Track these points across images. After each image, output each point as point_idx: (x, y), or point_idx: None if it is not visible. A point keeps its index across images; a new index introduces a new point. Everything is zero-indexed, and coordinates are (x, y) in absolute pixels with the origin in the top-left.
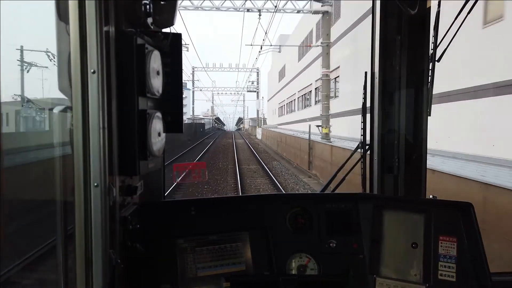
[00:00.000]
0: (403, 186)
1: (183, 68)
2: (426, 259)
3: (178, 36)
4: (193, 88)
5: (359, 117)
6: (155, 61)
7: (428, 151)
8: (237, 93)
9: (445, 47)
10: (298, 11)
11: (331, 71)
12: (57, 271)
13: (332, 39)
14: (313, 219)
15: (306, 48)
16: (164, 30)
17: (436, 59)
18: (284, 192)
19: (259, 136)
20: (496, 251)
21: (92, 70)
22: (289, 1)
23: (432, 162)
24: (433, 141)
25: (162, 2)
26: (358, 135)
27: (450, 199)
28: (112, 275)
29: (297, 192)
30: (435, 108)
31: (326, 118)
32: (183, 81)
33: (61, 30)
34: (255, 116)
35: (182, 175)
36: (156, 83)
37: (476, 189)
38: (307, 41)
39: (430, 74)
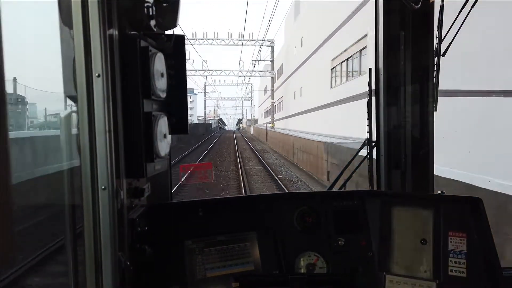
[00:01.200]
0: (411, 182)
1: (191, 77)
2: (436, 255)
3: (181, 38)
4: (205, 98)
5: (291, 119)
6: (159, 63)
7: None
8: (236, 99)
9: (450, 41)
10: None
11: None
12: (67, 274)
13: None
14: (321, 217)
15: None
16: (167, 32)
17: (441, 53)
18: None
19: (251, 132)
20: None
21: (96, 74)
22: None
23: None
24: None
25: (164, 4)
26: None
27: None
28: (121, 277)
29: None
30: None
31: (272, 121)
32: (188, 86)
33: (65, 35)
34: (250, 117)
35: (188, 176)
36: (161, 85)
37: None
38: (266, 89)
39: (435, 69)
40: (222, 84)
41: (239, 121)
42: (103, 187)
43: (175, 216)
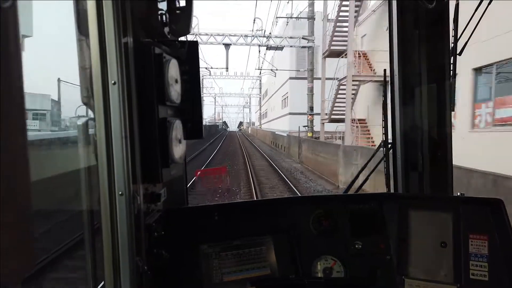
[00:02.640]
0: (429, 183)
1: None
2: (456, 259)
3: (194, 44)
4: (215, 105)
5: (268, 123)
6: (173, 70)
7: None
8: (238, 106)
9: (466, 40)
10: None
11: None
12: (86, 279)
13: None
14: (337, 220)
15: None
16: (180, 38)
17: (458, 52)
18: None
19: (249, 131)
20: None
21: (112, 82)
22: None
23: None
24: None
25: (178, 12)
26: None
27: None
28: (139, 282)
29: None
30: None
31: (260, 124)
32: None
33: (82, 45)
34: (249, 120)
35: (204, 181)
36: (175, 91)
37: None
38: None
39: (451, 68)
40: (227, 96)
41: (240, 123)
42: (120, 192)
43: (191, 220)
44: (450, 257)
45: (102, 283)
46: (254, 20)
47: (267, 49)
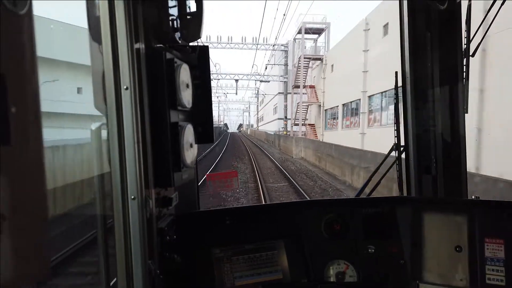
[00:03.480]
0: (443, 187)
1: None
2: (472, 263)
3: (205, 49)
4: (218, 109)
5: (264, 125)
6: (184, 74)
7: None
8: (238, 109)
9: (479, 41)
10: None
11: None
12: (99, 283)
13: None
14: (349, 224)
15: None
16: (191, 43)
17: (471, 53)
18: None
19: (248, 132)
20: None
21: (125, 87)
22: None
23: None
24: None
25: (188, 17)
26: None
27: None
28: (152, 286)
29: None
30: None
31: (257, 126)
32: None
33: (95, 51)
34: (248, 123)
35: (215, 185)
36: (186, 95)
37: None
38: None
39: (464, 70)
40: (229, 102)
41: (240, 125)
42: (132, 197)
43: (202, 224)
44: (466, 262)
45: (115, 280)
46: (252, 66)
47: (260, 82)
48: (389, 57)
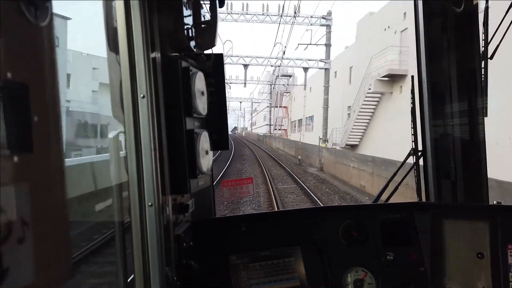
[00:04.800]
0: (463, 192)
1: None
2: (494, 270)
3: (220, 56)
4: None
5: (257, 128)
6: (200, 82)
7: None
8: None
9: (498, 43)
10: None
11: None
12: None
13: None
14: (368, 231)
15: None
16: (206, 51)
17: (489, 56)
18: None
19: (243, 134)
20: None
21: (141, 95)
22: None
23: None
24: None
25: (203, 26)
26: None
27: None
28: None
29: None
30: None
31: (251, 129)
32: None
33: (112, 61)
34: (243, 126)
35: (231, 191)
36: (202, 103)
37: None
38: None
39: (483, 73)
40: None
41: (235, 128)
42: (149, 203)
43: (219, 231)
44: (488, 269)
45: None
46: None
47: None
48: (332, 95)
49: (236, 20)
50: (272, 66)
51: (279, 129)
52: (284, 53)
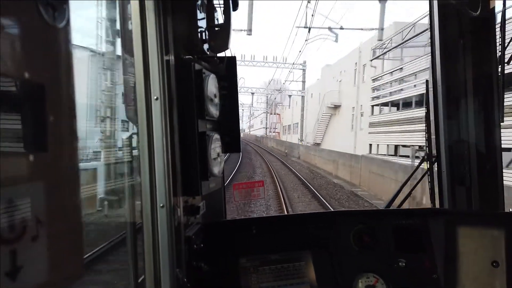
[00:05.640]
0: (478, 199)
1: None
2: (510, 279)
3: (233, 60)
4: None
5: (258, 130)
6: (212, 85)
7: None
8: None
9: None
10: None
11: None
12: None
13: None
14: (380, 236)
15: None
16: (219, 54)
17: (506, 60)
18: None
19: (242, 135)
20: None
21: (155, 97)
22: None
23: None
24: None
25: (216, 29)
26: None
27: None
28: None
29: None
30: None
31: (249, 131)
32: None
33: (127, 63)
34: (241, 128)
35: (242, 194)
36: (214, 105)
37: None
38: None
39: (499, 78)
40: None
41: None
42: (161, 205)
43: (229, 234)
44: (503, 277)
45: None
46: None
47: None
48: (311, 109)
49: (247, 64)
50: (268, 94)
51: (273, 132)
52: (280, 88)
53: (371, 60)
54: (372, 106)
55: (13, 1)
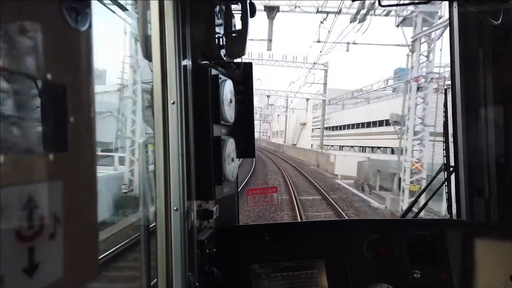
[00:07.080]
0: (497, 211)
1: None
2: None
3: (249, 65)
4: None
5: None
6: (228, 90)
7: None
8: None
9: None
10: None
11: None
12: None
13: None
14: (394, 246)
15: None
16: (236, 60)
17: None
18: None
19: None
20: None
21: (172, 101)
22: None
23: None
24: None
25: (234, 35)
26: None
27: None
28: None
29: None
30: None
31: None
32: None
33: (145, 67)
34: None
35: (255, 200)
36: (229, 110)
37: None
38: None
39: None
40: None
41: None
42: (175, 208)
43: (242, 239)
44: None
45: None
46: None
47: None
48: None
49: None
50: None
51: (265, 136)
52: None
53: (312, 110)
54: (313, 128)
55: (38, 4)
